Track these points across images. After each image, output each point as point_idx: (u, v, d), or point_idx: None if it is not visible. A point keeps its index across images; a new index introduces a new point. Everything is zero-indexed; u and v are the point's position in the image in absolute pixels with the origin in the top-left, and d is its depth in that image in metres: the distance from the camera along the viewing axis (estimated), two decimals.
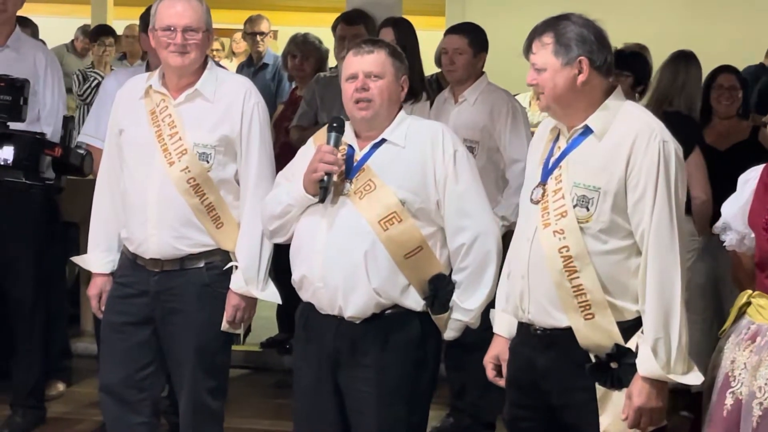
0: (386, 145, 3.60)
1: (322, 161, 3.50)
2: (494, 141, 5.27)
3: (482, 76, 5.43)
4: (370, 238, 3.50)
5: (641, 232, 3.19)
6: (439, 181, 3.55)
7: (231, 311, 3.97)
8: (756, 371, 3.21)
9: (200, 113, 3.94)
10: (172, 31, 3.85)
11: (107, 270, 4.14)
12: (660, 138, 3.20)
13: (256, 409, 5.82)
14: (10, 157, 2.27)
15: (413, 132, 3.61)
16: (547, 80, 3.23)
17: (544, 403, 3.35)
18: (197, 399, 4.04)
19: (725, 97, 5.73)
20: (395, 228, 3.50)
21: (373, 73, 3.57)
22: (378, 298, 3.52)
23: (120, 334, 4.05)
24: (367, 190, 3.53)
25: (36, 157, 2.24)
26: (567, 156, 3.29)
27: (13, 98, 2.25)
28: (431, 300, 3.57)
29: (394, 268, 3.52)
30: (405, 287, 3.55)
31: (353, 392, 3.60)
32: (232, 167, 3.97)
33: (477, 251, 3.58)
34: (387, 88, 3.57)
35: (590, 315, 3.21)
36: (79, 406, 5.82)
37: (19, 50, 5.37)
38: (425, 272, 3.56)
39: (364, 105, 3.56)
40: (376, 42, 3.67)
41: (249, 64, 8.40)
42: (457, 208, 3.56)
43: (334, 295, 3.54)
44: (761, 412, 3.17)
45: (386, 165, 3.56)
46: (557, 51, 3.21)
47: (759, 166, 3.43)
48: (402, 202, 3.51)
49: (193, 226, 3.93)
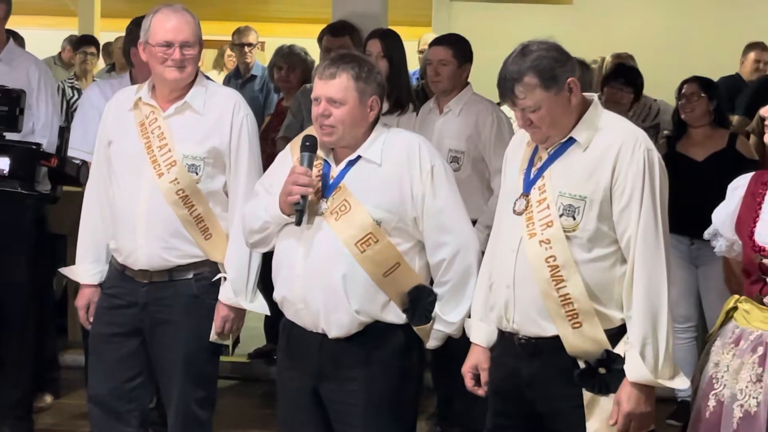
0: (362, 162, 3.55)
1: (296, 183, 3.47)
2: (479, 151, 5.29)
3: (467, 86, 5.46)
4: (348, 261, 3.49)
5: (627, 238, 3.22)
6: (416, 198, 3.52)
7: (220, 322, 3.98)
8: (737, 374, 3.27)
9: (190, 125, 3.95)
10: (170, 47, 3.86)
11: (95, 281, 4.15)
12: (644, 146, 3.24)
13: (244, 420, 5.81)
14: (6, 168, 2.28)
15: (389, 148, 3.56)
16: (543, 115, 3.24)
17: (529, 411, 3.37)
18: (186, 409, 4.04)
19: (689, 105, 5.78)
20: (372, 248, 3.49)
21: (334, 99, 3.50)
22: (359, 318, 3.52)
23: (108, 345, 4.05)
24: (342, 211, 3.51)
25: (32, 168, 2.26)
26: (550, 166, 3.31)
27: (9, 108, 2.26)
28: (411, 312, 3.57)
29: (374, 287, 3.52)
30: (385, 303, 3.55)
31: (339, 405, 3.60)
32: (221, 179, 3.99)
33: (458, 266, 3.58)
34: (349, 114, 3.50)
35: (578, 323, 3.23)
36: (67, 417, 5.81)
37: (12, 63, 5.37)
38: (404, 286, 3.56)
39: (328, 131, 3.51)
40: (340, 63, 3.52)
41: (237, 76, 8.40)
42: (436, 224, 3.54)
43: (316, 317, 3.55)
44: (742, 414, 3.23)
45: (362, 183, 3.53)
46: (547, 86, 3.21)
47: (748, 174, 3.47)
48: (378, 222, 3.49)
49: (182, 237, 3.94)
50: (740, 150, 5.75)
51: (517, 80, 3.23)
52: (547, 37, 3.31)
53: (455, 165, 5.24)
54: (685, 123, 5.83)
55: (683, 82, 5.89)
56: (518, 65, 3.23)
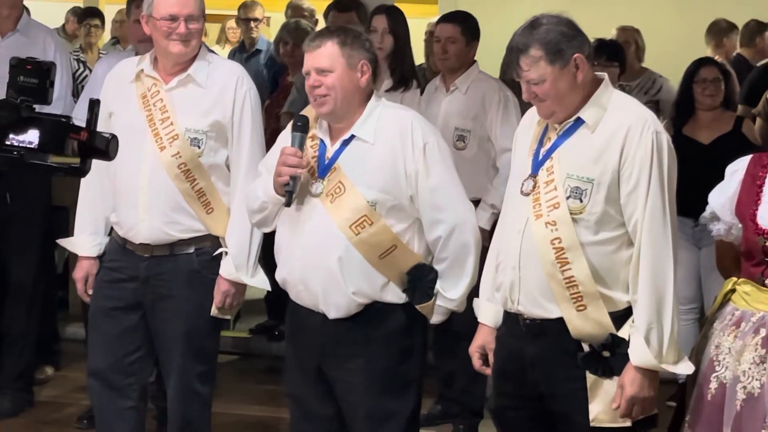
0: (356, 141, 3.53)
1: (285, 164, 3.46)
2: (485, 130, 5.26)
3: (474, 64, 5.43)
4: (343, 244, 3.48)
5: (634, 222, 3.19)
6: (410, 176, 3.50)
7: (220, 297, 3.97)
8: (740, 356, 3.24)
9: (192, 99, 3.93)
10: (175, 21, 3.84)
11: (94, 253, 4.14)
12: (653, 129, 3.21)
13: (244, 395, 5.81)
14: (36, 140, 2.26)
15: (382, 126, 3.54)
16: (548, 90, 3.22)
17: (532, 392, 3.36)
18: (186, 384, 4.04)
19: (709, 90, 5.73)
20: (366, 231, 3.47)
21: (322, 68, 3.48)
22: (357, 299, 3.51)
23: (108, 319, 4.04)
24: (337, 193, 3.49)
25: (61, 141, 2.24)
26: (558, 147, 3.28)
27: (39, 81, 2.24)
28: (412, 292, 3.55)
29: (370, 269, 3.50)
30: (384, 284, 3.53)
31: (342, 383, 3.59)
32: (223, 153, 3.96)
33: (455, 243, 3.55)
34: (339, 80, 3.48)
35: (582, 306, 3.21)
36: (67, 390, 5.82)
37: (29, 34, 5.39)
38: (402, 267, 3.54)
39: (321, 101, 3.49)
40: (325, 33, 3.55)
41: (241, 50, 8.37)
42: (431, 202, 3.52)
43: (315, 299, 3.55)
44: (745, 396, 3.21)
45: (356, 164, 3.51)
46: (552, 59, 3.19)
47: (746, 157, 3.45)
48: (372, 204, 3.47)
49: (184, 211, 3.92)
50: (746, 134, 5.72)
51: (522, 52, 3.21)
52: (561, 11, 3.28)
53: (461, 144, 5.22)
54: (692, 105, 5.77)
55: (698, 63, 5.82)
56: (525, 37, 3.22)
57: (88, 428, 5.18)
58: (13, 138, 2.25)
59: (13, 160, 2.24)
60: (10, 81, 2.28)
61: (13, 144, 2.24)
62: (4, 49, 5.30)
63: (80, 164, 2.28)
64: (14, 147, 2.24)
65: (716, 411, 3.25)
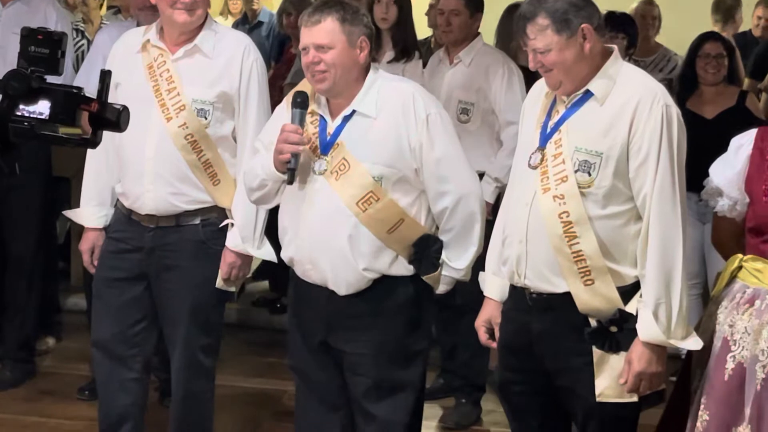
0: (357, 116, 3.50)
1: (286, 142, 3.43)
2: (489, 103, 5.23)
3: (478, 37, 5.38)
4: (351, 221, 3.45)
5: (643, 196, 3.17)
6: (414, 149, 3.47)
7: (226, 269, 3.96)
8: (758, 335, 3.20)
9: (199, 69, 3.90)
10: None
11: (100, 225, 4.12)
12: (663, 102, 3.18)
13: (246, 368, 5.81)
14: (46, 111, 2.24)
15: (384, 99, 3.50)
16: (554, 59, 3.19)
17: (538, 367, 3.35)
18: (190, 356, 4.03)
19: (712, 65, 5.72)
20: (373, 207, 3.45)
21: (322, 45, 3.44)
22: (367, 275, 3.50)
23: (113, 290, 4.03)
24: (342, 170, 3.46)
25: (72, 112, 2.22)
26: (567, 120, 3.26)
27: (50, 51, 2.22)
28: (418, 262, 3.54)
29: (379, 245, 3.48)
30: (393, 259, 3.52)
31: (349, 355, 3.58)
32: (230, 124, 3.94)
33: (461, 213, 3.53)
34: (339, 57, 3.44)
35: (590, 281, 3.20)
36: (69, 360, 5.81)
37: (30, 3, 5.36)
38: (410, 240, 3.53)
39: (320, 77, 3.45)
40: (324, 8, 3.47)
41: (244, 22, 8.34)
42: (436, 174, 3.49)
43: (324, 277, 3.53)
44: (765, 375, 3.17)
45: (359, 139, 3.48)
46: (558, 28, 3.17)
47: (752, 131, 3.39)
48: (378, 180, 3.45)
49: (190, 182, 3.90)
50: (749, 108, 5.70)
51: (529, 20, 3.19)
52: None
53: (465, 116, 5.20)
54: (696, 80, 5.76)
55: (701, 39, 5.80)
56: (533, 5, 3.20)
57: (89, 399, 5.18)
58: (24, 109, 2.23)
59: (24, 131, 2.23)
60: (21, 51, 2.26)
61: (23, 115, 2.23)
62: (6, 18, 5.28)
63: (91, 135, 2.26)
64: (25, 117, 2.23)
65: (735, 391, 3.21)
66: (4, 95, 2.21)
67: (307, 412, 3.73)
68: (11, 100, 2.21)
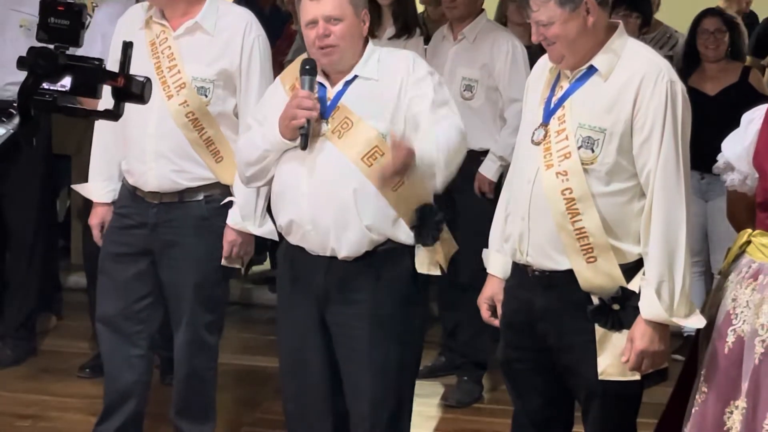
0: (359, 80, 3.50)
1: (300, 107, 3.40)
2: (493, 80, 5.21)
3: (482, 13, 5.36)
4: (357, 176, 3.44)
5: (647, 173, 3.15)
6: (413, 99, 3.46)
7: (227, 247, 3.95)
8: (759, 309, 3.18)
9: (200, 46, 3.88)
10: None
11: (108, 199, 4.12)
12: (667, 78, 3.16)
13: (246, 345, 5.82)
14: (68, 85, 2.23)
15: (385, 64, 3.51)
16: (557, 32, 3.16)
17: (541, 344, 3.33)
18: (194, 334, 4.03)
19: (711, 41, 5.71)
20: (378, 162, 3.42)
21: (332, 16, 3.42)
22: (370, 234, 3.48)
23: (118, 265, 4.03)
24: (345, 128, 3.45)
25: (94, 86, 2.21)
26: (570, 96, 3.24)
27: (71, 23, 2.20)
28: (418, 230, 3.51)
29: (384, 202, 3.46)
30: (395, 220, 3.49)
31: (344, 328, 3.56)
32: (232, 101, 3.93)
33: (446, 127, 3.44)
34: (349, 29, 3.44)
35: (593, 258, 3.18)
36: (70, 338, 5.82)
37: None
38: (413, 202, 3.50)
39: (329, 50, 3.44)
40: None
41: None
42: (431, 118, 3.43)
43: (326, 237, 3.49)
44: (764, 350, 3.14)
45: (361, 100, 3.47)
46: (562, 1, 3.14)
47: (763, 106, 3.36)
48: (383, 135, 3.43)
49: (192, 159, 3.89)
50: (753, 83, 5.68)
51: None
52: None
53: (468, 93, 5.18)
54: (698, 56, 5.74)
55: (700, 15, 5.78)
56: None
57: (90, 377, 5.19)
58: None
59: (47, 104, 2.21)
60: (41, 22, 2.23)
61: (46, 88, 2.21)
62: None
63: (114, 107, 2.25)
64: (47, 90, 2.21)
65: (733, 365, 3.20)
66: (30, 73, 2.19)
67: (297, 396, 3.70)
68: (37, 77, 2.19)
